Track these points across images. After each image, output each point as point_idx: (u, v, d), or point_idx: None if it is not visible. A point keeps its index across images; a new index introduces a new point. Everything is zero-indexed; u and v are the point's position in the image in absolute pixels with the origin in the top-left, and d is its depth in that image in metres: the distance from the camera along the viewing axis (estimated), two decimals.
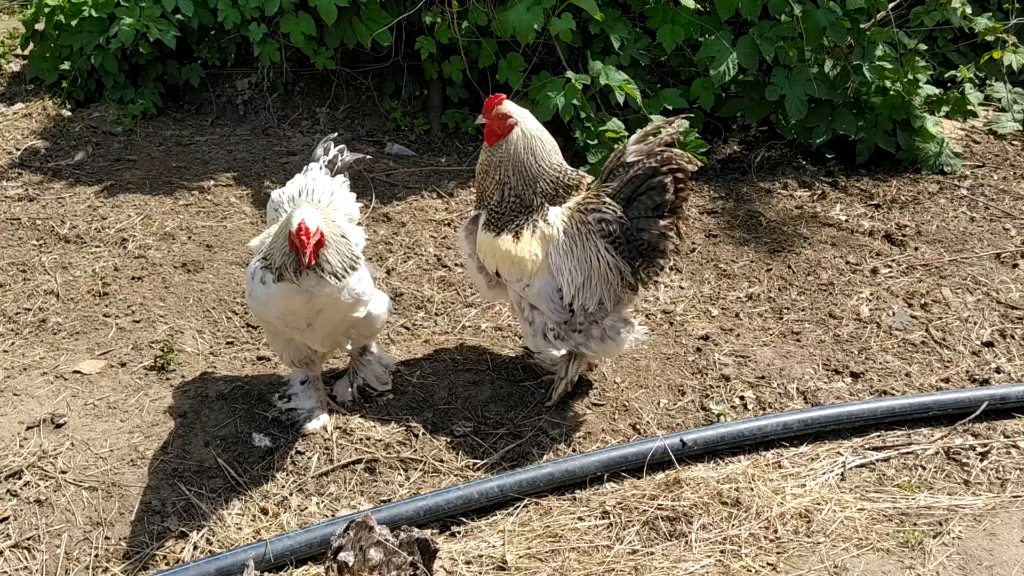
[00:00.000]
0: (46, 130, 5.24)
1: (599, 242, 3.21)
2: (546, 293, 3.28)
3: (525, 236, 3.27)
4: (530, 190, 3.29)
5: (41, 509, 2.94)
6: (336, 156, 3.48)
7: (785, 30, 5.16)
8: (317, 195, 3.27)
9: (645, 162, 3.16)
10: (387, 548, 2.53)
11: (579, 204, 3.29)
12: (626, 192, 3.20)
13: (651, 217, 3.17)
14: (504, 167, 3.29)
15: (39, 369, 3.53)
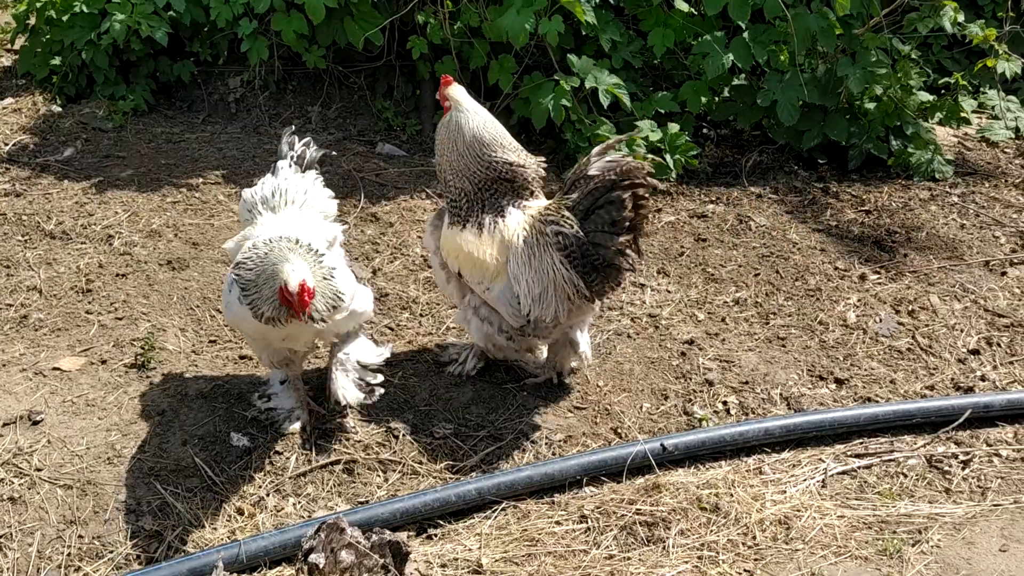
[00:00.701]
0: (35, 125, 5.23)
1: (555, 255, 3.18)
2: (505, 298, 3.31)
3: (485, 236, 3.29)
4: (475, 175, 3.31)
5: (14, 507, 2.93)
6: (304, 151, 3.42)
7: (777, 34, 5.15)
8: (291, 194, 3.24)
9: (605, 176, 3.11)
10: (358, 550, 2.51)
11: (540, 214, 3.27)
12: (584, 205, 3.16)
13: (607, 232, 3.12)
14: (446, 152, 3.36)
15: (18, 365, 3.51)
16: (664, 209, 4.94)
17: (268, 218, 3.20)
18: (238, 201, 4.74)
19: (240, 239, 3.16)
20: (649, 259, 4.49)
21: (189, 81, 5.64)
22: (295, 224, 3.14)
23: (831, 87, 5.24)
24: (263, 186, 3.29)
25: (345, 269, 3.14)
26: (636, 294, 4.23)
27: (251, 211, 3.26)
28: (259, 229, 3.14)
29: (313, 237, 3.05)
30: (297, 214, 3.23)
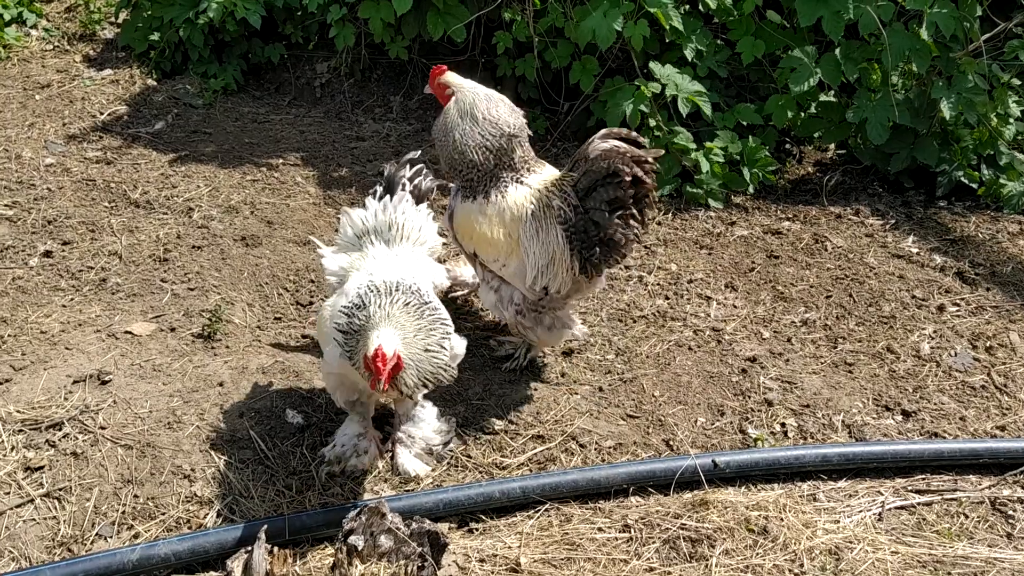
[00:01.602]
0: (131, 97, 5.42)
1: (557, 228, 3.33)
2: (520, 273, 3.41)
3: (496, 213, 3.40)
4: (484, 155, 3.40)
5: (76, 462, 3.04)
6: (420, 181, 3.23)
7: (871, 52, 4.99)
8: (407, 230, 3.10)
9: (606, 156, 3.23)
10: (397, 536, 2.53)
11: (545, 189, 3.40)
12: (585, 183, 3.29)
13: (605, 210, 3.25)
14: (450, 134, 3.44)
15: (93, 326, 3.65)
16: (737, 223, 4.85)
17: (380, 251, 3.05)
18: (315, 184, 4.86)
19: (347, 265, 3.04)
20: (718, 273, 4.41)
21: (278, 63, 5.77)
22: (409, 266, 2.99)
23: (924, 110, 5.06)
24: (377, 215, 3.11)
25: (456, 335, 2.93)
26: (701, 306, 4.16)
27: (360, 237, 3.11)
28: (370, 263, 2.99)
29: (428, 287, 2.92)
30: (410, 253, 3.08)
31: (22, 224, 4.24)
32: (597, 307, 4.11)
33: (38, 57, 5.73)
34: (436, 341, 2.73)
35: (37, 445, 3.06)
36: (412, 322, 2.70)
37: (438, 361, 2.73)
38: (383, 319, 2.65)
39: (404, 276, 2.85)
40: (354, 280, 2.91)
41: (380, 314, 2.66)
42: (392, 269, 2.93)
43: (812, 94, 5.14)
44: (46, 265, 4.00)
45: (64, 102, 5.30)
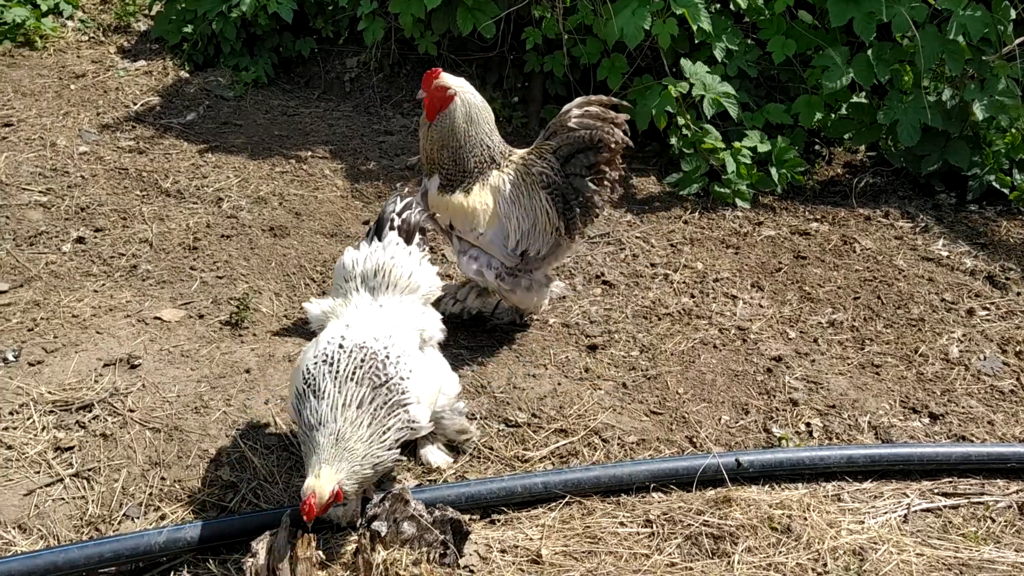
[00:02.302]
0: (163, 88, 5.49)
1: (540, 192, 3.53)
2: (499, 240, 3.55)
3: (475, 190, 3.53)
4: (475, 154, 3.53)
5: (105, 443, 3.08)
6: (409, 216, 3.08)
7: (903, 53, 4.95)
8: (395, 276, 2.93)
9: (584, 125, 3.49)
10: (420, 524, 2.54)
11: (523, 158, 3.58)
12: (565, 151, 3.52)
13: (584, 176, 3.52)
14: (454, 135, 3.50)
15: (124, 312, 3.69)
16: (765, 223, 4.82)
17: (364, 300, 2.89)
18: (343, 177, 4.90)
19: (328, 310, 2.92)
20: (744, 272, 4.39)
21: (308, 57, 5.82)
22: (389, 321, 2.82)
23: (956, 113, 5.01)
24: (367, 259, 2.94)
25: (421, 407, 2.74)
26: (727, 305, 4.14)
27: (348, 281, 2.95)
28: (350, 312, 2.85)
29: (406, 346, 2.76)
30: (397, 303, 2.91)
31: (56, 210, 4.31)
32: (622, 304, 4.10)
33: (73, 47, 5.81)
34: (383, 442, 2.59)
35: (67, 426, 3.11)
36: (370, 435, 2.57)
37: (379, 460, 2.60)
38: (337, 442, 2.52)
39: (378, 335, 2.70)
40: (328, 331, 2.77)
41: (336, 427, 2.53)
42: (367, 326, 2.76)
43: (843, 95, 5.10)
44: (79, 251, 4.06)
45: (98, 92, 5.37)
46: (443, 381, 3.01)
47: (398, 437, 2.65)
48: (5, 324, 3.54)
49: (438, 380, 2.95)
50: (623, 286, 4.23)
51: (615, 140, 3.48)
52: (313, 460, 2.52)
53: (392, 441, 2.64)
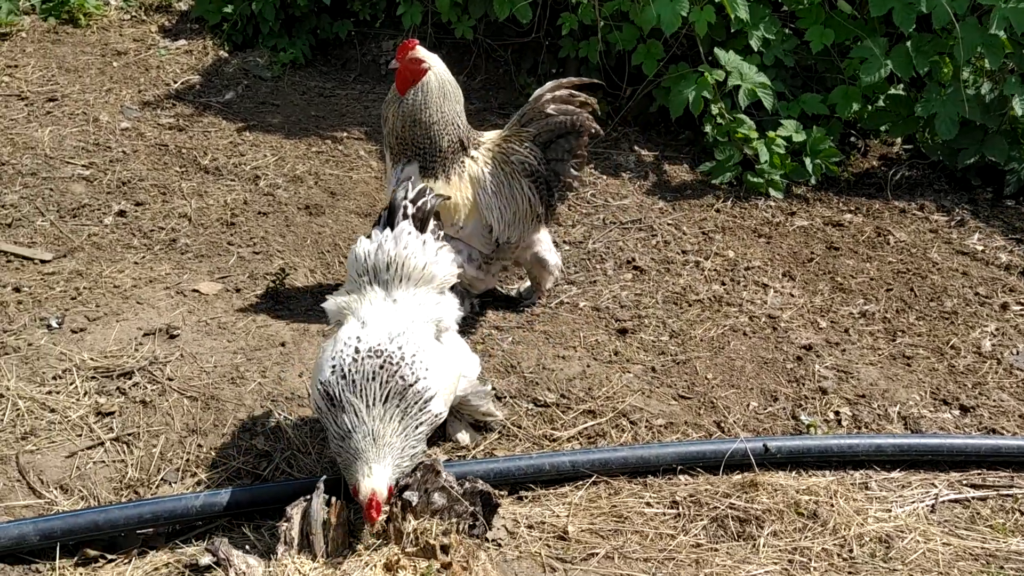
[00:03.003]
0: (203, 67, 5.57)
1: (523, 180, 3.59)
2: (478, 231, 3.59)
3: (454, 181, 3.54)
4: (448, 132, 3.52)
5: (144, 409, 3.16)
6: (424, 203, 2.96)
7: (942, 45, 4.90)
8: (407, 269, 2.84)
9: (563, 111, 3.57)
10: (450, 495, 2.59)
11: (500, 147, 3.61)
12: (545, 137, 3.59)
13: (566, 160, 3.63)
14: (427, 110, 3.48)
15: (163, 284, 3.77)
16: (798, 213, 4.80)
17: (377, 296, 2.83)
18: (377, 158, 4.94)
19: (344, 305, 2.87)
20: (775, 262, 4.38)
21: (345, 40, 5.87)
22: (404, 317, 2.78)
23: (995, 107, 4.95)
24: (379, 250, 2.85)
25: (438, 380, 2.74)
26: (757, 293, 4.14)
27: (360, 275, 2.88)
28: (365, 309, 2.79)
29: (421, 342, 2.73)
30: (411, 297, 2.85)
31: (98, 184, 4.40)
32: (653, 289, 4.12)
33: (116, 26, 5.90)
34: (417, 435, 2.64)
35: (108, 392, 3.19)
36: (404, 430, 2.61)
37: (415, 451, 2.65)
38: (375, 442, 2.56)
39: (392, 335, 2.69)
40: (344, 331, 2.75)
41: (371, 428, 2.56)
42: (382, 325, 2.73)
43: (881, 86, 5.06)
44: (120, 224, 4.15)
45: (140, 70, 5.47)
46: (462, 366, 3.01)
47: (426, 431, 2.70)
48: (49, 292, 3.63)
49: (457, 367, 2.94)
50: (654, 272, 4.24)
51: (595, 126, 3.60)
52: (360, 464, 2.53)
53: (423, 433, 2.68)
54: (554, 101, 3.58)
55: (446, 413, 2.83)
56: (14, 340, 3.35)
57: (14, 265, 3.80)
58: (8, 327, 3.42)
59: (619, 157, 5.19)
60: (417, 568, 2.44)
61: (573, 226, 4.54)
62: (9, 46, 5.50)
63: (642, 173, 5.06)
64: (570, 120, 3.55)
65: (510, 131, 3.65)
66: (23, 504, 2.80)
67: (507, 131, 3.67)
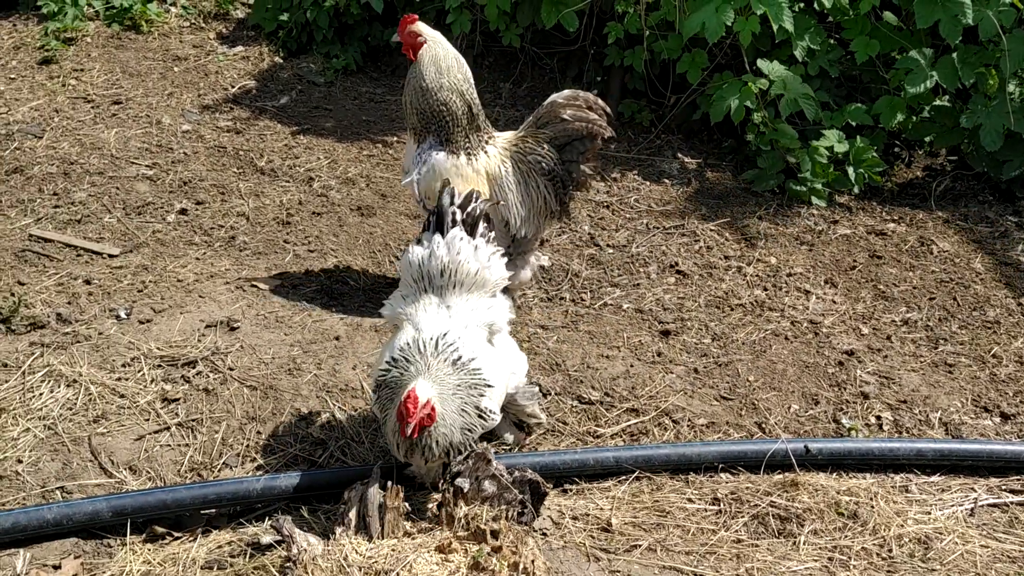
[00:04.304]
0: (259, 73, 5.76)
1: (539, 179, 3.76)
2: (498, 225, 3.70)
3: (471, 176, 3.68)
4: (452, 100, 3.67)
5: (207, 397, 3.31)
6: (474, 208, 2.99)
7: (989, 56, 4.92)
8: (460, 275, 2.91)
9: (578, 118, 3.75)
10: (500, 482, 2.69)
11: (516, 147, 3.78)
12: (560, 140, 3.77)
13: (578, 161, 3.80)
14: (426, 79, 3.67)
15: (223, 278, 3.93)
16: (840, 222, 4.85)
17: (431, 303, 2.90)
18: None
19: (399, 311, 2.96)
20: (818, 268, 4.43)
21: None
22: (459, 320, 2.87)
23: None
24: (432, 257, 2.91)
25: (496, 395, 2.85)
26: (799, 299, 4.20)
27: (415, 281, 2.95)
28: (420, 315, 2.88)
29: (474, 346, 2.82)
30: (464, 303, 2.92)
31: (161, 183, 4.59)
32: (695, 293, 4.19)
33: (176, 33, 6.12)
34: (472, 403, 2.71)
35: (174, 379, 3.35)
36: (450, 378, 2.69)
37: (469, 424, 2.72)
38: (421, 371, 2.66)
39: (451, 331, 2.79)
40: (401, 336, 2.85)
41: (419, 367, 2.67)
42: (439, 324, 2.83)
43: (926, 97, 5.09)
44: (181, 221, 4.33)
45: (199, 75, 5.67)
46: (513, 365, 3.10)
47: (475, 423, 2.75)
48: (117, 285, 3.81)
49: (507, 367, 3.04)
50: (696, 276, 4.32)
51: (609, 133, 3.80)
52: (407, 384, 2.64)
53: (473, 409, 2.75)
54: (569, 107, 3.76)
55: (499, 416, 2.92)
56: (86, 329, 3.52)
57: (84, 259, 3.99)
58: (80, 317, 3.60)
59: (663, 164, 5.27)
60: (468, 551, 2.54)
61: (617, 230, 4.63)
62: (75, 51, 5.74)
63: (685, 180, 5.14)
64: (585, 127, 3.74)
65: (526, 132, 3.83)
66: (95, 483, 2.96)
67: (523, 132, 3.84)
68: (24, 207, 4.31)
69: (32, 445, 3.03)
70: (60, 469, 2.98)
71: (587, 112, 3.76)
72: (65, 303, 3.68)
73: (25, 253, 3.98)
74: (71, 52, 5.71)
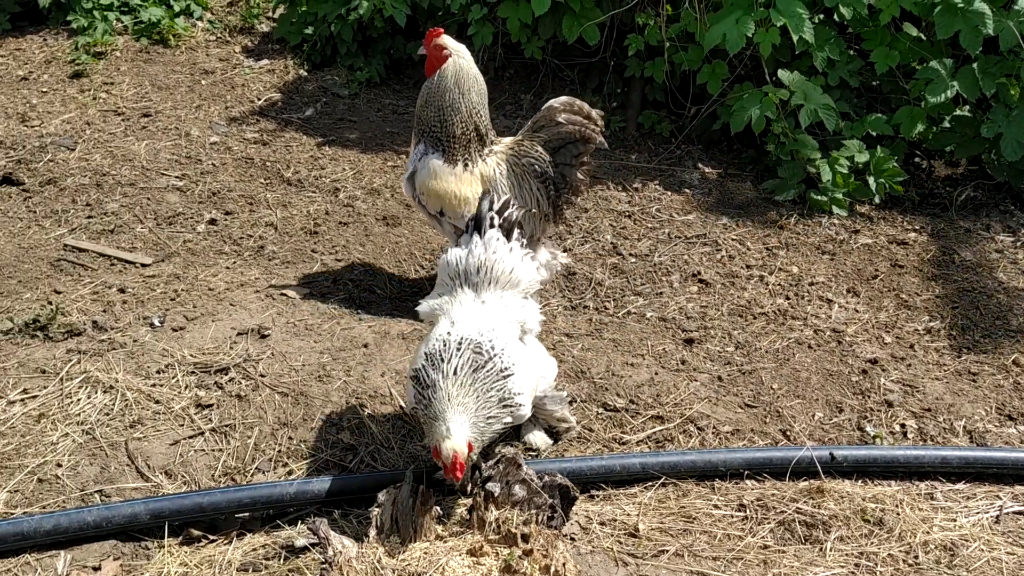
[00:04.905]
0: (284, 85, 5.85)
1: (532, 181, 3.85)
2: None
3: (465, 176, 3.80)
4: (461, 117, 3.79)
5: (240, 403, 3.37)
6: (510, 213, 3.12)
7: (1009, 67, 4.94)
8: (495, 273, 3.02)
9: (572, 122, 3.83)
10: (531, 487, 2.73)
11: (513, 150, 3.87)
12: (555, 143, 3.85)
13: (572, 165, 3.86)
14: (440, 93, 3.78)
15: (253, 287, 4.00)
16: (861, 231, 4.87)
17: (468, 298, 3.00)
18: None
19: (435, 307, 3.05)
20: (839, 278, 4.46)
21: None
22: (492, 315, 2.95)
23: None
24: (469, 255, 3.04)
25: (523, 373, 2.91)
26: (821, 308, 4.22)
27: (452, 279, 3.07)
28: (456, 310, 2.97)
29: (507, 338, 2.91)
30: (498, 299, 3.02)
31: (190, 194, 4.67)
32: (718, 302, 4.23)
33: (203, 46, 6.24)
34: (499, 402, 2.79)
35: (207, 386, 3.41)
36: (476, 394, 2.76)
37: (499, 424, 2.82)
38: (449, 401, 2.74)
39: (482, 329, 2.86)
40: (436, 329, 2.93)
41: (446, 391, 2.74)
42: (472, 321, 2.90)
43: (946, 107, 5.12)
44: (211, 231, 4.41)
45: (226, 88, 5.77)
46: (543, 368, 3.18)
47: (501, 414, 2.82)
48: (151, 293, 3.89)
49: (538, 368, 3.12)
50: (719, 285, 4.35)
51: (600, 139, 3.85)
52: (438, 424, 2.72)
53: (502, 411, 2.81)
54: (564, 111, 3.84)
55: (529, 410, 2.98)
56: (121, 337, 3.60)
57: (117, 268, 4.07)
58: (115, 324, 3.67)
59: (683, 174, 5.32)
60: (499, 554, 2.58)
61: (639, 239, 4.68)
62: (105, 65, 5.85)
63: (706, 190, 5.18)
64: (578, 130, 3.81)
65: (523, 135, 3.92)
66: (132, 487, 3.02)
67: (520, 135, 3.94)
68: (58, 218, 4.41)
69: (71, 450, 3.10)
70: (98, 473, 3.05)
71: (581, 117, 3.83)
72: (100, 311, 3.75)
73: (60, 263, 4.06)
74: (101, 66, 5.83)
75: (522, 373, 2.90)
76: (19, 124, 5.21)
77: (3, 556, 2.74)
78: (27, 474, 3.01)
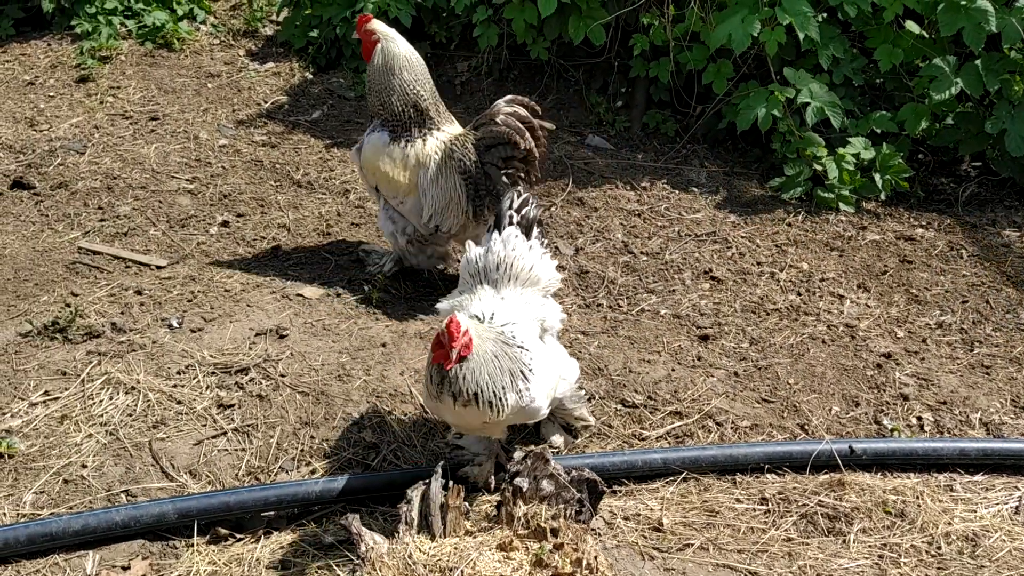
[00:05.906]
0: (290, 88, 5.86)
1: (456, 176, 3.88)
2: (416, 211, 3.95)
3: (402, 158, 3.88)
4: (398, 95, 3.88)
5: (261, 403, 3.37)
6: (528, 211, 3.14)
7: (1012, 64, 4.99)
8: (515, 269, 3.04)
9: (508, 124, 3.83)
10: (558, 482, 2.75)
11: (451, 142, 3.92)
12: (487, 142, 3.87)
13: (499, 167, 3.86)
14: (379, 77, 3.89)
15: (269, 288, 4.01)
16: (869, 228, 4.90)
17: (487, 294, 3.02)
18: None
19: (456, 304, 3.04)
20: (849, 274, 4.49)
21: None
22: (511, 309, 2.96)
23: None
24: (489, 252, 3.07)
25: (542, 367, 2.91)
26: (833, 304, 4.25)
27: (472, 276, 3.09)
28: (475, 304, 2.96)
29: (527, 332, 2.92)
30: (518, 295, 3.04)
31: (202, 197, 4.67)
32: (731, 299, 4.25)
33: (207, 50, 6.24)
34: (516, 369, 2.77)
35: (228, 386, 3.41)
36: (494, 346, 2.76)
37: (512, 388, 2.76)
38: None
39: (503, 321, 2.87)
40: None
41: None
42: (492, 314, 2.90)
43: (950, 104, 5.16)
44: (224, 233, 4.41)
45: (232, 91, 5.77)
46: (563, 368, 3.17)
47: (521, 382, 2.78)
48: (168, 295, 3.89)
49: (557, 368, 3.10)
50: (731, 282, 4.38)
51: (526, 145, 3.79)
52: None
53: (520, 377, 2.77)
54: (505, 113, 3.85)
55: (547, 410, 2.99)
56: (140, 338, 3.60)
57: (133, 270, 4.07)
58: (134, 326, 3.67)
59: (690, 173, 5.35)
60: (529, 549, 2.60)
61: (649, 238, 4.70)
62: (111, 69, 5.85)
63: (713, 188, 5.21)
64: (505, 132, 3.81)
65: (467, 130, 3.96)
66: (158, 487, 3.02)
67: (466, 129, 3.98)
68: (71, 221, 4.41)
69: (95, 450, 3.10)
70: (123, 473, 3.05)
71: (518, 121, 3.81)
72: (118, 313, 3.75)
73: (76, 265, 4.06)
74: (107, 70, 5.82)
75: (540, 371, 2.89)
76: (28, 128, 5.20)
77: (32, 557, 2.74)
78: (52, 475, 3.01)
